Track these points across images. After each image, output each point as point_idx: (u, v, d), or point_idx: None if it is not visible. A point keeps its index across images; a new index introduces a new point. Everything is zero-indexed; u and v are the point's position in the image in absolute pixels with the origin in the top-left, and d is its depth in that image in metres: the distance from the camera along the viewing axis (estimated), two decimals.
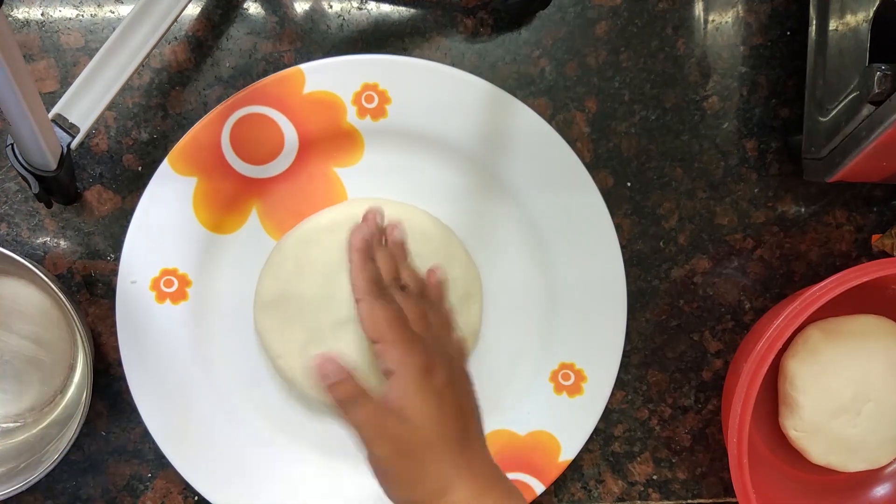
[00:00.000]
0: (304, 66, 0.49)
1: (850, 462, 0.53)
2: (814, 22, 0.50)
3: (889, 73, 0.44)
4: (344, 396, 0.40)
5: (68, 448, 0.46)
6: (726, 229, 0.55)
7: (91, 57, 0.46)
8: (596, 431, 0.54)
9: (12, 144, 0.44)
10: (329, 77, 0.49)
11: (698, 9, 0.53)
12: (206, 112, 0.49)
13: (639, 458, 0.55)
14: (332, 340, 0.49)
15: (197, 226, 0.50)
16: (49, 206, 0.50)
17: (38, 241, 0.51)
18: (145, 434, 0.50)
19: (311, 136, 0.50)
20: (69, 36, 0.50)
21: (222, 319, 0.51)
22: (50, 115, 0.45)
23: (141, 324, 0.50)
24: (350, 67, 0.49)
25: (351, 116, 0.50)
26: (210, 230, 0.50)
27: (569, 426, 0.52)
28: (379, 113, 0.50)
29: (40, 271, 0.46)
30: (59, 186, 0.47)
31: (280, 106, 0.49)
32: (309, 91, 0.49)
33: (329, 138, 0.50)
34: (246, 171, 0.50)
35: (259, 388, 0.52)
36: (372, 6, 0.52)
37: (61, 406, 0.51)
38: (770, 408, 0.54)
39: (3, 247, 0.51)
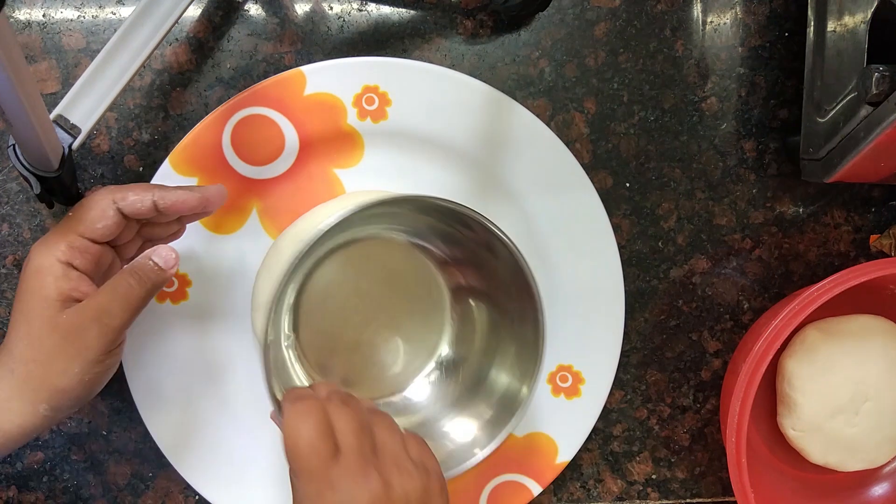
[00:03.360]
0: (304, 68, 0.49)
1: (849, 461, 0.53)
2: (812, 23, 0.50)
3: (887, 73, 0.44)
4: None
5: None
6: (725, 229, 0.55)
7: (92, 58, 0.46)
8: (595, 431, 0.54)
9: (14, 145, 0.44)
10: (330, 79, 0.49)
11: (697, 10, 0.54)
12: (206, 113, 0.49)
13: (638, 458, 0.55)
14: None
15: (197, 225, 0.50)
16: (51, 206, 0.50)
17: None
18: (146, 434, 0.50)
19: (311, 138, 0.50)
20: (71, 37, 0.51)
21: (222, 319, 0.51)
22: (51, 116, 0.45)
23: (141, 323, 0.50)
24: (351, 69, 0.50)
25: (351, 118, 0.50)
26: (210, 230, 0.50)
27: (566, 428, 0.52)
28: (379, 115, 0.50)
29: None
30: (61, 187, 0.47)
31: (281, 107, 0.49)
32: (310, 93, 0.49)
33: (329, 140, 0.50)
34: (246, 172, 0.50)
35: (259, 388, 0.52)
36: (372, 8, 0.52)
37: None
38: (769, 407, 0.55)
39: (3, 247, 0.51)
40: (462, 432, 0.48)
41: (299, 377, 0.50)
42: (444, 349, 0.52)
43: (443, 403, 0.50)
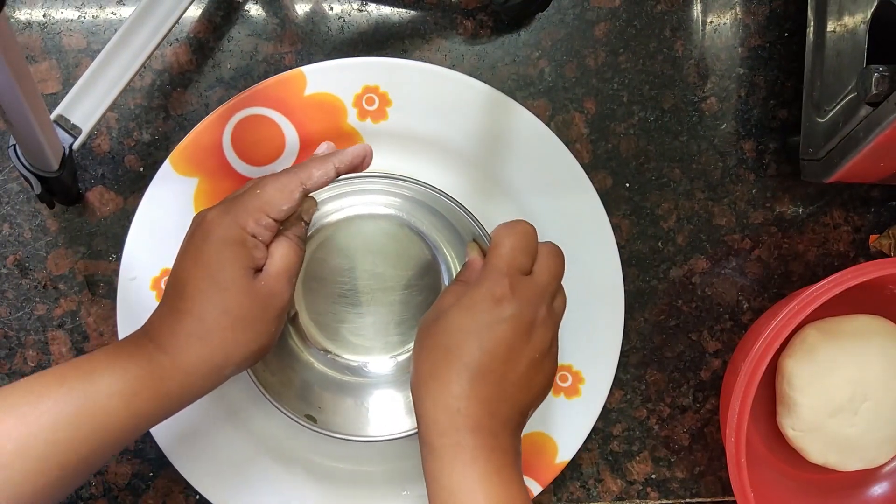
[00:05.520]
0: (305, 69, 0.49)
1: (848, 461, 0.53)
2: (812, 24, 0.50)
3: (887, 74, 0.44)
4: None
5: None
6: (724, 230, 0.55)
7: (93, 58, 0.46)
8: (594, 431, 0.54)
9: (14, 145, 0.44)
10: (330, 79, 0.50)
11: (697, 10, 0.54)
12: (207, 113, 0.50)
13: (637, 458, 0.55)
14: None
15: None
16: (51, 206, 0.50)
17: (39, 242, 0.51)
18: (146, 433, 0.50)
19: (311, 138, 0.50)
20: (71, 37, 0.51)
21: None
22: (52, 117, 0.45)
23: (142, 323, 0.50)
24: (351, 70, 0.50)
25: (352, 118, 0.50)
26: None
27: (566, 428, 0.53)
28: (380, 115, 0.50)
29: None
30: (61, 187, 0.47)
31: (281, 107, 0.49)
32: (310, 93, 0.50)
33: (330, 140, 0.50)
34: (247, 172, 0.50)
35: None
36: (372, 8, 0.52)
37: None
38: (768, 407, 0.55)
39: (4, 248, 0.51)
40: None
41: (297, 346, 0.51)
42: None
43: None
